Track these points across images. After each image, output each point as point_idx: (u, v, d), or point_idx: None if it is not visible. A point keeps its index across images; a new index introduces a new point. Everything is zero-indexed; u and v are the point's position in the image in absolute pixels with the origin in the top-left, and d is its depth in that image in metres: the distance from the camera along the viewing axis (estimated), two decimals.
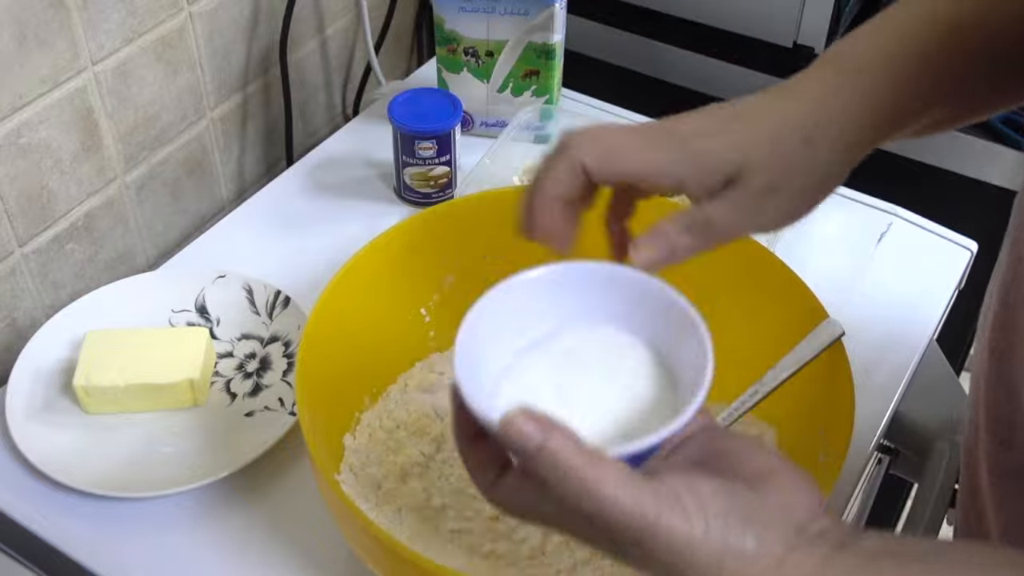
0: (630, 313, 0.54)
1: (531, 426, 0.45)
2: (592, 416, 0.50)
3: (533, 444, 0.44)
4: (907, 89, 0.57)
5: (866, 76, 0.56)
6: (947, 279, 0.94)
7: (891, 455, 0.90)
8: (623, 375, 0.53)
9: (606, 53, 1.25)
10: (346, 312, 0.72)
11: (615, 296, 0.54)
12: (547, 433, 0.44)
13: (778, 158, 0.55)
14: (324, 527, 0.71)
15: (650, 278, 0.54)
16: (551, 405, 0.49)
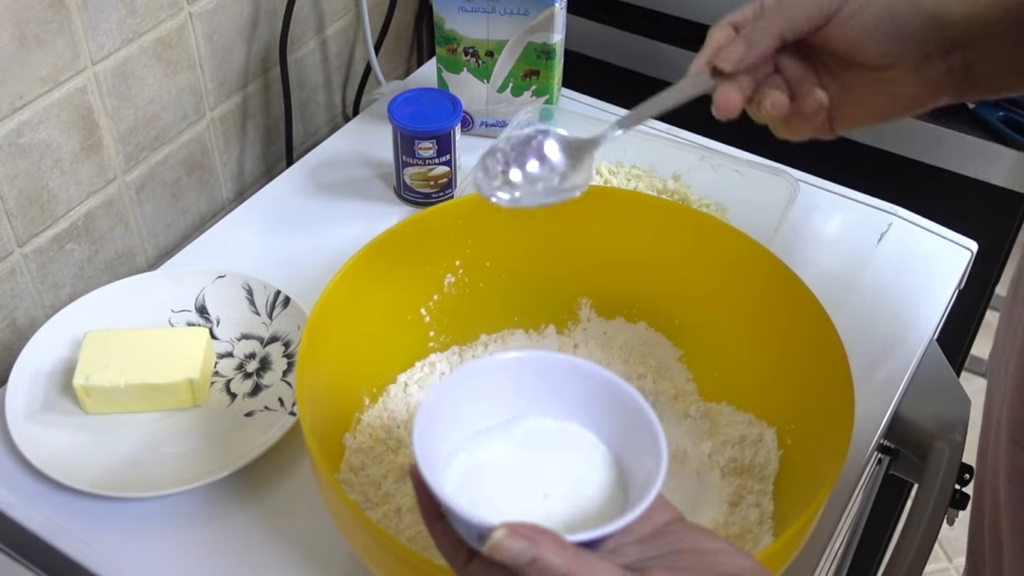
0: (591, 409, 0.55)
1: (519, 544, 0.46)
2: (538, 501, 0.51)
3: (527, 558, 0.46)
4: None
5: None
6: (947, 279, 0.94)
7: (891, 455, 0.90)
8: (577, 466, 0.54)
9: (606, 53, 1.25)
10: (346, 312, 0.72)
11: (578, 390, 0.55)
12: (535, 546, 0.46)
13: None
14: (324, 527, 0.71)
15: (615, 377, 0.55)
16: (500, 484, 0.51)
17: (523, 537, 0.46)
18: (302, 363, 0.66)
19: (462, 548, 0.50)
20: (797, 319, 0.72)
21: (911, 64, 0.62)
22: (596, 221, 0.80)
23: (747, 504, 0.70)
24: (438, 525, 0.50)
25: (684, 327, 0.81)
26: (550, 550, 0.46)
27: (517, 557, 0.46)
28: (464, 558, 0.50)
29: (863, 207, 1.00)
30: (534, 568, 0.46)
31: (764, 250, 0.75)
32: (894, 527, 1.34)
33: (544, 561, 0.45)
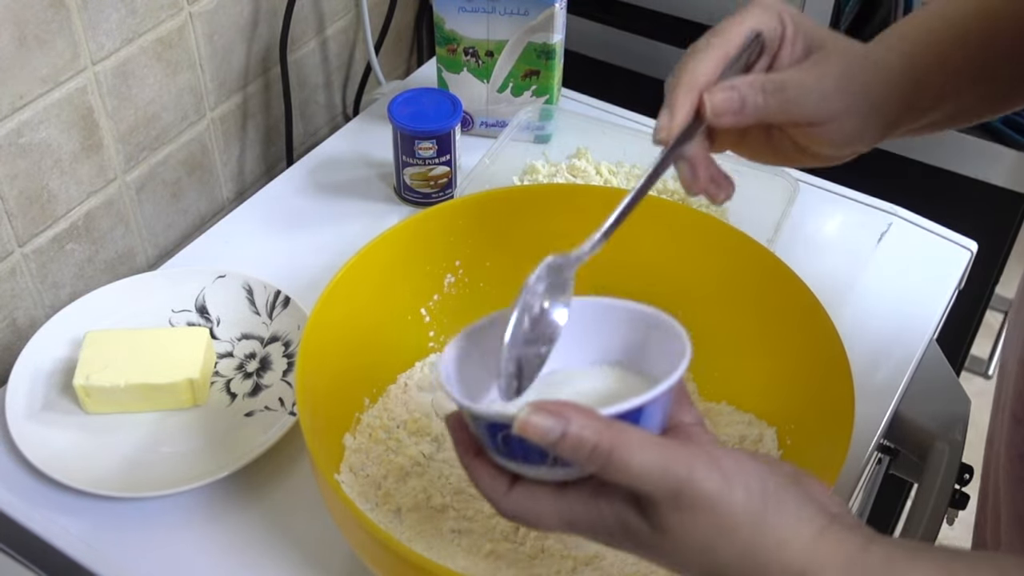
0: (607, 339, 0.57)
1: (548, 420, 0.45)
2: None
3: (556, 433, 0.45)
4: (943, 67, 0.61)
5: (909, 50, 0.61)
6: (947, 279, 0.94)
7: (891, 455, 0.90)
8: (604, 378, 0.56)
9: (606, 53, 1.25)
10: (346, 312, 0.72)
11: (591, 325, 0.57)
12: (565, 420, 0.45)
13: (853, 58, 0.59)
14: (324, 527, 0.71)
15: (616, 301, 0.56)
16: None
17: (550, 413, 0.45)
18: (302, 363, 0.66)
19: (501, 477, 0.49)
20: (797, 319, 0.72)
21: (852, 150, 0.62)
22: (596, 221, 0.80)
23: None
24: (476, 460, 0.50)
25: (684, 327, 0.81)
26: (579, 423, 0.45)
27: (547, 433, 0.45)
28: (505, 486, 0.49)
29: (863, 207, 1.00)
30: (566, 444, 0.45)
31: (764, 250, 0.75)
32: (894, 527, 1.34)
33: (574, 435, 0.45)
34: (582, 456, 0.45)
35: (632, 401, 0.47)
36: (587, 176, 0.98)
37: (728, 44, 0.58)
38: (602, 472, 0.45)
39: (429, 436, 0.75)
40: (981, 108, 0.65)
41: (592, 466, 0.45)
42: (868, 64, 0.60)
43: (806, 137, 0.60)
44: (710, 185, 0.59)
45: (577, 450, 0.45)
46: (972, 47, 0.62)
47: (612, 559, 0.68)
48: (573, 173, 0.98)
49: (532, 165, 1.00)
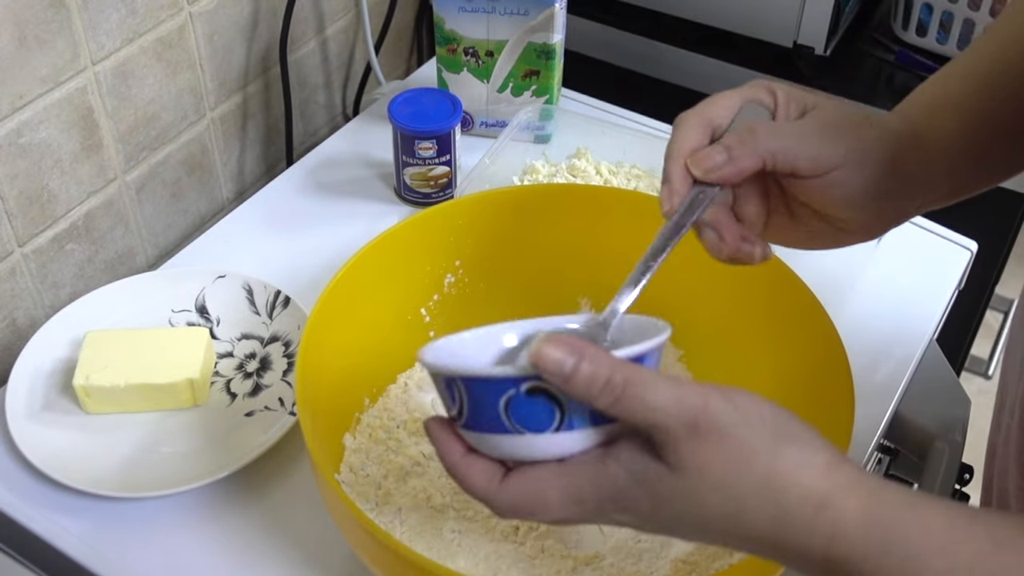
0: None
1: (563, 348, 0.45)
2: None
3: (571, 363, 0.45)
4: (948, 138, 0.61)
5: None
6: (947, 279, 0.94)
7: (891, 455, 0.90)
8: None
9: (606, 53, 1.25)
10: (346, 312, 0.72)
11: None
12: (580, 351, 0.45)
13: (843, 110, 0.59)
14: (324, 527, 0.71)
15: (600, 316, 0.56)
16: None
17: (565, 343, 0.45)
18: (302, 363, 0.66)
19: (494, 469, 0.48)
20: (797, 319, 0.72)
21: (865, 220, 0.60)
22: (596, 221, 0.80)
23: None
24: (465, 458, 0.49)
25: (684, 327, 0.80)
26: (593, 355, 0.45)
27: (561, 363, 0.45)
28: (499, 477, 0.48)
29: None
30: (579, 378, 0.44)
31: None
32: None
33: (588, 368, 0.44)
34: (595, 389, 0.44)
35: (639, 346, 0.47)
36: (587, 176, 0.98)
37: (713, 113, 0.58)
38: (615, 406, 0.45)
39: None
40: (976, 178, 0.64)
41: (605, 399, 0.45)
42: (860, 117, 0.59)
43: (813, 197, 0.59)
44: (742, 244, 0.58)
45: (591, 383, 0.44)
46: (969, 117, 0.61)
47: (612, 559, 0.68)
48: (573, 173, 0.98)
49: (532, 165, 1.00)
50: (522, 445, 0.48)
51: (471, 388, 0.48)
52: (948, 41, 1.18)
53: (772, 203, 0.61)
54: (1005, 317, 1.32)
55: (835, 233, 0.61)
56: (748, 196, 0.60)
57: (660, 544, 0.68)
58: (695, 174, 0.56)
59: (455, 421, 0.50)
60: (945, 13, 1.16)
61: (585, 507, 0.47)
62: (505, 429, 0.48)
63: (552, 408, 0.47)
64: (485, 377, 0.48)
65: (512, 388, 0.47)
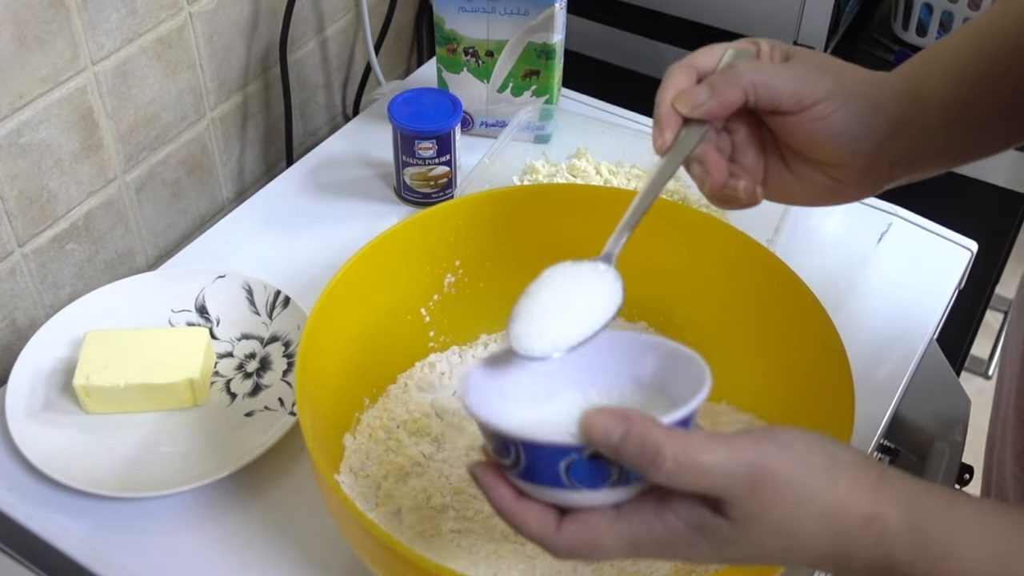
0: (631, 368, 0.57)
1: (610, 419, 0.46)
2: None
3: (619, 432, 0.45)
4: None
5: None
6: (947, 279, 0.94)
7: (891, 455, 0.90)
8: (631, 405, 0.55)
9: (606, 53, 1.25)
10: (346, 312, 0.72)
11: (622, 356, 0.57)
12: (628, 420, 0.46)
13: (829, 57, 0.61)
14: (324, 527, 0.71)
15: (648, 336, 0.57)
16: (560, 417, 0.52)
17: (615, 415, 0.46)
18: (302, 363, 0.66)
19: (549, 515, 0.49)
20: (797, 319, 0.72)
21: (859, 166, 0.61)
22: (596, 221, 0.80)
23: None
24: (519, 504, 0.49)
25: (684, 327, 0.81)
26: (644, 425, 0.45)
27: (610, 432, 0.45)
28: (555, 523, 0.49)
29: (863, 207, 1.00)
30: (629, 444, 0.45)
31: (764, 250, 0.75)
32: None
33: (637, 434, 0.45)
34: (647, 459, 0.45)
35: (685, 408, 0.48)
36: (587, 176, 0.98)
37: (700, 60, 0.61)
38: (671, 477, 0.45)
39: (429, 436, 0.75)
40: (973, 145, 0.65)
41: (659, 470, 0.45)
42: (844, 63, 0.61)
43: (800, 137, 0.60)
44: (729, 181, 0.60)
45: (642, 452, 0.45)
46: (968, 82, 0.62)
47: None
48: (573, 173, 0.98)
49: (532, 165, 1.00)
50: (578, 498, 0.49)
51: (531, 451, 0.48)
52: None
53: (768, 157, 0.63)
54: (1005, 317, 1.32)
55: (832, 185, 0.62)
56: (744, 147, 0.62)
57: None
58: (682, 112, 0.58)
59: (505, 468, 0.50)
60: (945, 13, 1.16)
61: (641, 551, 0.48)
62: (562, 485, 0.48)
63: (611, 467, 0.47)
64: (546, 444, 0.48)
65: (574, 455, 0.47)
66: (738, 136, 0.62)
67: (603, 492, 0.48)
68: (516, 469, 0.49)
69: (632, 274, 0.81)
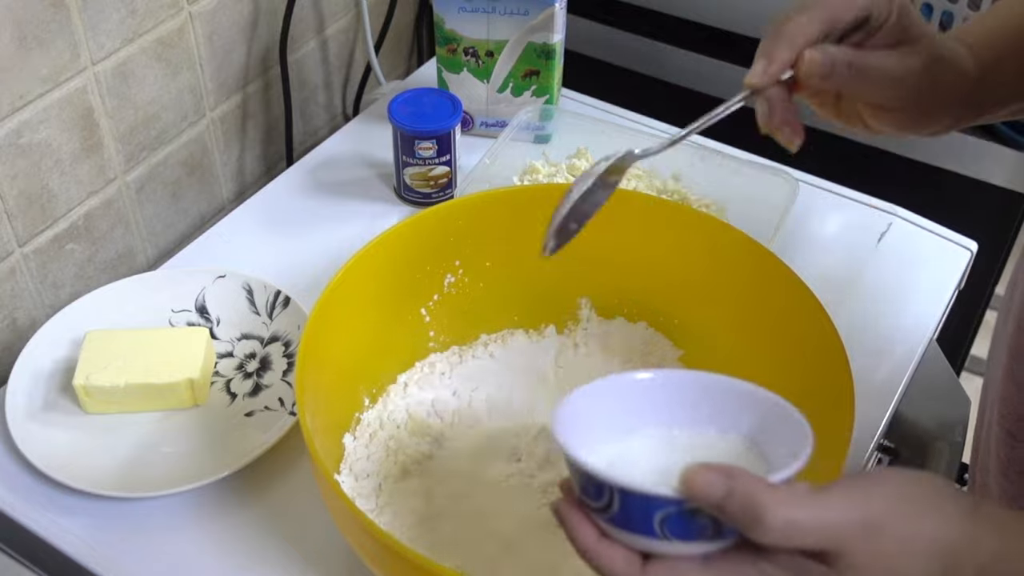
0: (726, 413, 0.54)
1: (714, 475, 0.44)
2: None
3: (721, 489, 0.44)
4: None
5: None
6: (947, 279, 0.94)
7: (891, 455, 0.90)
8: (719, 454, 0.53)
9: (606, 53, 1.25)
10: (346, 312, 0.72)
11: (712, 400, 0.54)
12: (732, 477, 0.44)
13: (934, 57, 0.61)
14: (324, 527, 0.71)
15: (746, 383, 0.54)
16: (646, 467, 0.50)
17: (718, 472, 0.44)
18: (302, 363, 0.66)
19: (634, 556, 0.47)
20: (797, 319, 0.72)
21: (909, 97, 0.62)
22: (596, 221, 0.80)
23: None
24: (602, 544, 0.48)
25: (684, 327, 0.81)
26: (748, 481, 0.44)
27: (713, 487, 0.44)
28: (639, 563, 0.47)
29: (863, 207, 1.00)
30: (733, 501, 0.44)
31: (764, 250, 0.75)
32: None
33: (741, 492, 0.43)
34: (749, 517, 0.43)
35: (793, 466, 0.46)
36: None
37: (836, 14, 0.59)
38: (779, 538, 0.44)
39: (429, 436, 0.75)
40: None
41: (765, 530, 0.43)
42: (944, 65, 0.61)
43: (873, 117, 0.62)
44: (784, 127, 0.60)
45: (745, 510, 0.43)
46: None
47: None
48: (573, 173, 0.98)
49: (532, 165, 1.00)
50: (669, 548, 0.47)
51: (627, 498, 0.47)
52: None
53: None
54: None
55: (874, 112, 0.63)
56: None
57: None
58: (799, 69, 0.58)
59: (592, 510, 0.48)
60: (945, 13, 1.16)
61: None
62: (654, 535, 0.47)
63: (708, 523, 0.46)
64: (645, 495, 0.46)
65: (672, 508, 0.46)
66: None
67: (696, 544, 0.47)
68: (606, 513, 0.48)
69: (632, 274, 0.81)
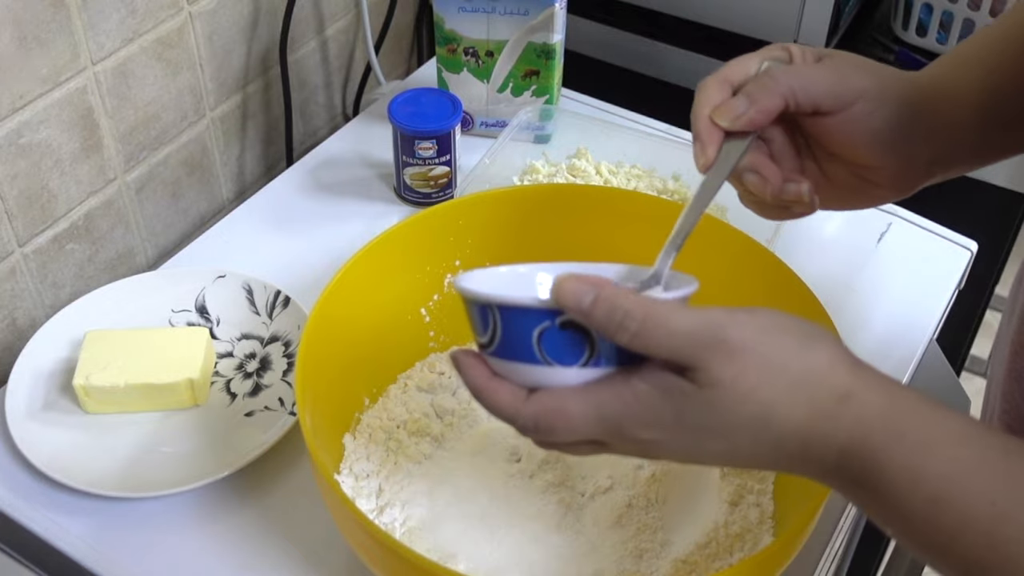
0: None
1: (582, 283, 0.46)
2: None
3: (589, 297, 0.46)
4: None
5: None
6: (947, 279, 0.94)
7: None
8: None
9: (606, 53, 1.25)
10: (346, 312, 0.72)
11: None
12: (598, 286, 0.46)
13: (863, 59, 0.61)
14: (324, 527, 0.71)
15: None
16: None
17: (586, 281, 0.46)
18: (302, 363, 0.66)
19: (520, 391, 0.49)
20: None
21: (896, 167, 0.61)
22: (596, 221, 0.80)
23: (747, 504, 0.70)
24: (492, 381, 0.50)
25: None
26: (614, 290, 0.46)
27: (581, 294, 0.46)
28: (524, 396, 0.49)
29: None
30: (599, 308, 0.46)
31: (764, 250, 0.75)
32: None
33: (607, 298, 0.45)
34: (615, 321, 0.45)
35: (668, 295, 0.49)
36: (587, 176, 0.98)
37: (732, 73, 0.60)
38: (637, 339, 0.45)
39: (429, 436, 0.75)
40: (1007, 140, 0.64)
41: (625, 334, 0.45)
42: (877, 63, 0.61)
43: (838, 139, 0.60)
44: (787, 183, 0.60)
45: (611, 314, 0.45)
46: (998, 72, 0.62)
47: (613, 559, 0.68)
48: (573, 173, 0.98)
49: (532, 165, 1.00)
50: (550, 376, 0.49)
51: (507, 317, 0.49)
52: (948, 41, 1.18)
53: (804, 162, 0.62)
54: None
55: (867, 188, 0.62)
56: (781, 155, 0.62)
57: (660, 544, 0.68)
58: (722, 124, 0.58)
59: (483, 348, 0.51)
60: (945, 13, 1.16)
61: (607, 424, 0.47)
62: (535, 360, 0.49)
63: (583, 344, 0.48)
64: (522, 307, 0.49)
65: (547, 320, 0.48)
66: (774, 144, 0.62)
67: (574, 370, 0.49)
68: (492, 346, 0.50)
69: None
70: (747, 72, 0.60)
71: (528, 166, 1.00)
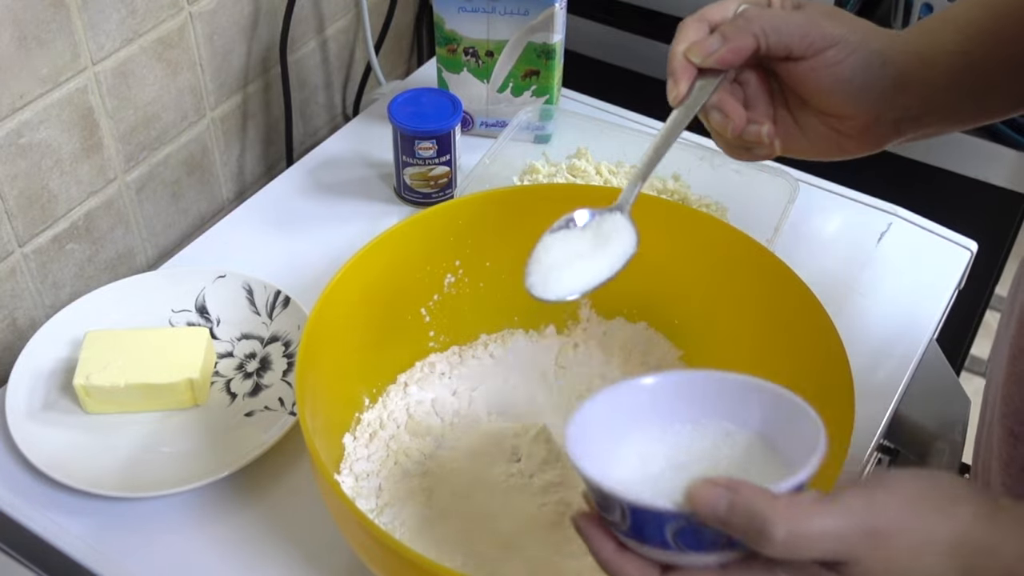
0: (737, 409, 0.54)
1: (717, 489, 0.45)
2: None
3: (725, 504, 0.44)
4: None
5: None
6: (947, 279, 0.94)
7: (891, 455, 0.90)
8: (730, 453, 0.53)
9: (606, 53, 1.25)
10: (346, 312, 0.72)
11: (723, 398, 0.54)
12: (735, 491, 0.44)
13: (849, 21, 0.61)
14: (324, 527, 0.71)
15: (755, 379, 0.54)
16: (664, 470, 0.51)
17: (720, 485, 0.45)
18: (302, 363, 0.66)
19: (650, 567, 0.48)
20: (797, 319, 0.72)
21: (865, 119, 0.62)
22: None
23: None
24: (619, 555, 0.48)
25: (684, 327, 0.81)
26: (751, 493, 0.44)
27: (716, 500, 0.44)
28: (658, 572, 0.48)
29: (863, 207, 1.00)
30: (737, 516, 0.44)
31: (764, 250, 0.75)
32: None
33: (744, 504, 0.44)
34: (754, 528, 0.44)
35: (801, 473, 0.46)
36: (587, 176, 0.98)
37: (711, 14, 0.61)
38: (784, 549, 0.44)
39: (429, 436, 0.75)
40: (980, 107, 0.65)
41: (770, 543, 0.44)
42: (857, 17, 0.62)
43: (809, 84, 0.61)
44: (749, 125, 0.61)
45: (750, 522, 0.44)
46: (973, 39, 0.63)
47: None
48: (573, 173, 0.98)
49: (532, 165, 1.00)
50: (685, 559, 0.48)
51: (636, 513, 0.47)
52: None
53: (777, 109, 0.64)
54: None
55: (837, 138, 0.63)
56: (755, 99, 0.63)
57: None
58: (695, 61, 0.60)
59: (610, 523, 0.49)
60: None
61: None
62: (669, 547, 0.47)
63: (722, 535, 0.46)
64: (652, 509, 0.47)
65: (682, 521, 0.46)
66: (749, 88, 0.63)
67: (711, 556, 0.47)
68: (622, 527, 0.48)
69: (632, 274, 0.81)
70: (725, 14, 0.61)
71: (528, 166, 1.00)
